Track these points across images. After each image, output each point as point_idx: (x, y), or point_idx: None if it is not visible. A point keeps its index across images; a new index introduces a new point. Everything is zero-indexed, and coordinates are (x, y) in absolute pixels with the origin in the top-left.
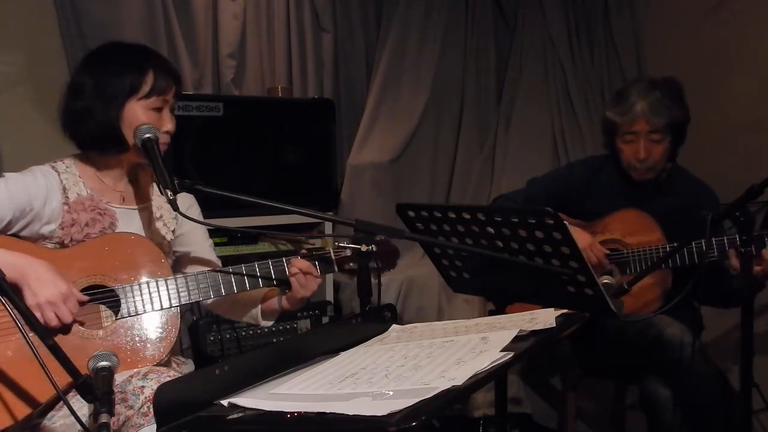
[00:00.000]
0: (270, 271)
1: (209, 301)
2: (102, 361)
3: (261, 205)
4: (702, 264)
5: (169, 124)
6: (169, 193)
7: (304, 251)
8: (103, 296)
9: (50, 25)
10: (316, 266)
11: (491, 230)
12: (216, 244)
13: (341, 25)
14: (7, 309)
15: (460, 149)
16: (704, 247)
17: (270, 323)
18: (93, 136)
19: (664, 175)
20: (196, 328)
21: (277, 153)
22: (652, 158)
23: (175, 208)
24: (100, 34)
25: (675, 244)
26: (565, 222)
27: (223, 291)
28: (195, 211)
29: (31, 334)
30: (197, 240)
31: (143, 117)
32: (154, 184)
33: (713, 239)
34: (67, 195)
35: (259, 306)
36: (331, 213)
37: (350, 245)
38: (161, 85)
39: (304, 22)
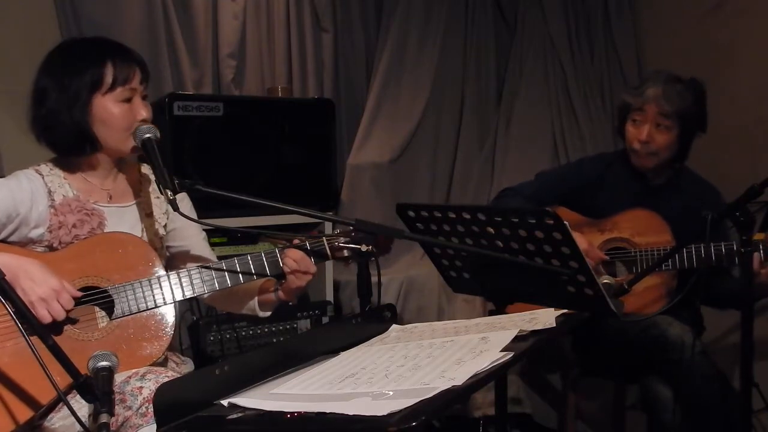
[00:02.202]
0: (264, 264)
1: (204, 296)
2: (102, 361)
3: (261, 205)
4: (707, 265)
5: (143, 112)
6: (169, 193)
7: (297, 241)
8: (97, 297)
9: (50, 25)
10: (310, 258)
11: (491, 230)
12: (216, 244)
13: (341, 25)
14: (7, 309)
15: (460, 149)
16: (702, 252)
17: (268, 314)
18: (64, 141)
19: (671, 172)
20: (196, 328)
21: (277, 153)
22: (655, 144)
23: (175, 208)
24: (99, 35)
25: (690, 246)
26: (565, 222)
27: (217, 286)
28: (186, 205)
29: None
30: (190, 234)
31: (115, 110)
32: (142, 180)
33: (722, 244)
34: (53, 197)
35: (256, 298)
36: (331, 213)
37: (350, 245)
38: (123, 75)
39: (304, 22)
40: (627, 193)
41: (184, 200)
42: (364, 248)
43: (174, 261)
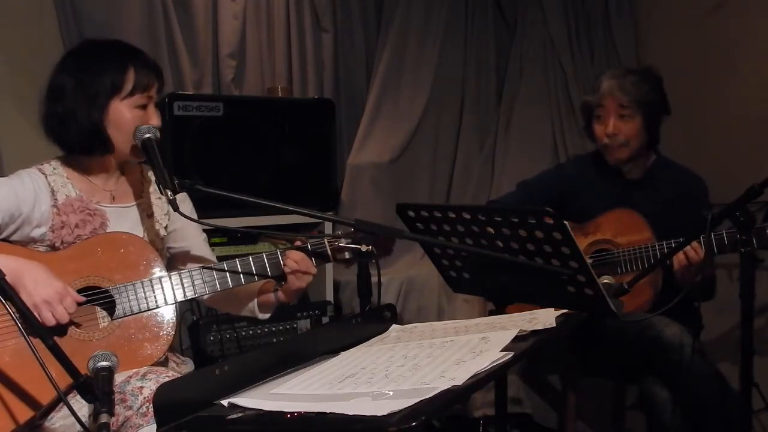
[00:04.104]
0: (265, 265)
1: (205, 297)
2: (102, 361)
3: (261, 205)
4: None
5: (155, 120)
6: (169, 193)
7: (298, 243)
8: (98, 297)
9: (50, 25)
10: (311, 259)
11: (491, 230)
12: (216, 244)
13: (341, 25)
14: (7, 309)
15: (460, 149)
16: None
17: (267, 315)
18: (77, 139)
19: (647, 164)
20: (196, 328)
21: (277, 153)
22: (623, 135)
23: (176, 208)
24: (100, 35)
25: (670, 242)
26: (565, 222)
27: (218, 287)
28: (187, 206)
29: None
30: (191, 235)
31: (129, 115)
32: (144, 181)
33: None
34: (56, 197)
35: (255, 299)
36: (331, 213)
37: (350, 245)
38: (143, 82)
39: (304, 22)
40: (607, 192)
41: (184, 201)
42: (364, 248)
43: (174, 262)
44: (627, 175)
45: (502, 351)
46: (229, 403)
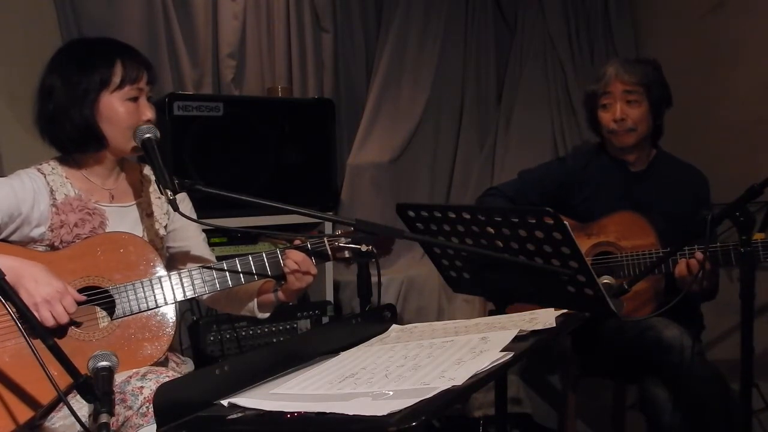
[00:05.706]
0: (265, 264)
1: (204, 296)
2: (102, 360)
3: (261, 205)
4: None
5: (148, 113)
6: (169, 193)
7: (298, 242)
8: (98, 297)
9: (50, 25)
10: (311, 259)
11: (491, 230)
12: (216, 244)
13: (341, 25)
14: (7, 309)
15: (460, 149)
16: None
17: (267, 315)
18: (71, 137)
19: (651, 156)
20: (196, 328)
21: (277, 153)
22: (631, 119)
23: (175, 208)
24: (100, 35)
25: (668, 249)
26: (565, 222)
27: (218, 286)
28: (187, 206)
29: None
30: (190, 235)
31: (121, 109)
32: (143, 181)
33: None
34: (55, 197)
35: (255, 299)
36: (331, 213)
37: (350, 245)
38: (132, 74)
39: (304, 22)
40: (610, 183)
41: (184, 201)
42: (364, 248)
43: (173, 261)
44: (630, 167)
45: (502, 351)
46: (229, 403)
